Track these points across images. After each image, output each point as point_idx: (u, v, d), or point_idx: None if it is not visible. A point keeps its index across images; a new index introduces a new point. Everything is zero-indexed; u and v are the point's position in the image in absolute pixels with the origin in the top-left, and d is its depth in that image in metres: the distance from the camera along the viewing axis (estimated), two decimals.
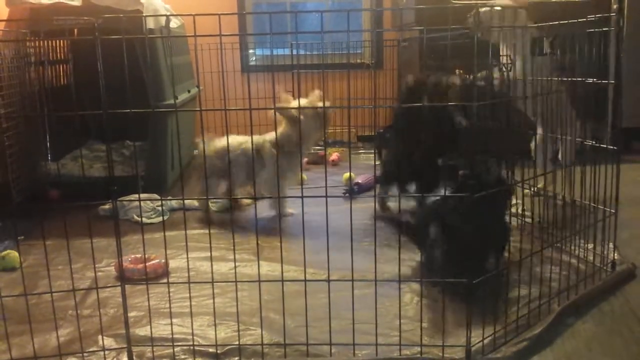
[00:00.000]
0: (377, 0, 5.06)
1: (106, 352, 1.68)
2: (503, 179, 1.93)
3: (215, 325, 1.75)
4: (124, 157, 3.93)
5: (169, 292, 1.79)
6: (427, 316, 1.81)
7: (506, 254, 2.10)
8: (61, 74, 3.92)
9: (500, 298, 1.84)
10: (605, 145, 2.13)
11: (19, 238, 2.61)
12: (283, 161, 2.75)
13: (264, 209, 2.76)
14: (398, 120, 2.60)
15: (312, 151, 4.50)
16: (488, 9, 2.29)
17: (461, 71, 2.19)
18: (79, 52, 3.91)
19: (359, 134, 4.92)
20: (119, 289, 1.66)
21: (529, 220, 2.48)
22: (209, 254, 1.83)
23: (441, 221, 1.88)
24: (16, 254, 2.37)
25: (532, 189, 2.50)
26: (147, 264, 2.17)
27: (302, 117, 2.77)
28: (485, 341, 1.67)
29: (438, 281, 1.92)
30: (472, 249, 1.82)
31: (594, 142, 2.15)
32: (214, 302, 1.73)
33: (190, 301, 1.72)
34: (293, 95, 2.80)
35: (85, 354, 1.67)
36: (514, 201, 2.16)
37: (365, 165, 4.15)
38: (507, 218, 2.03)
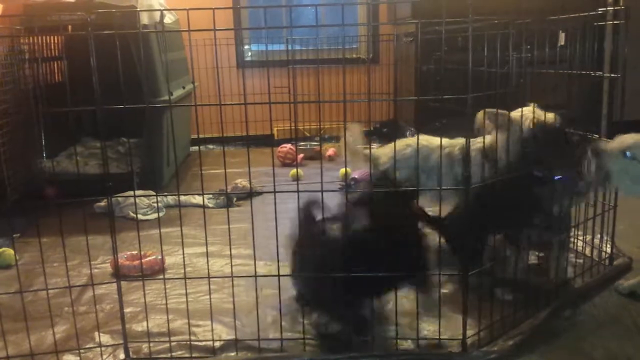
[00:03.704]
0: None
1: (103, 348, 1.68)
2: None
3: (211, 319, 1.75)
4: (119, 154, 3.92)
5: (165, 288, 1.79)
6: (424, 309, 1.80)
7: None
8: (56, 71, 3.90)
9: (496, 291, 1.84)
10: (605, 139, 2.13)
11: (14, 236, 2.61)
12: None
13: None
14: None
15: (308, 146, 4.51)
16: None
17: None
18: (73, 49, 3.90)
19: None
20: (115, 285, 1.66)
21: None
22: (205, 249, 1.83)
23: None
24: (11, 251, 2.37)
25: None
26: (143, 261, 2.17)
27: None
28: (482, 334, 1.67)
29: (434, 274, 1.91)
30: None
31: (595, 135, 2.15)
32: (210, 298, 1.73)
33: (187, 297, 1.71)
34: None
35: (81, 351, 1.66)
36: None
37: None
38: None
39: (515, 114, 2.03)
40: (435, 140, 2.28)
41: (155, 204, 2.97)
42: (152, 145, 3.37)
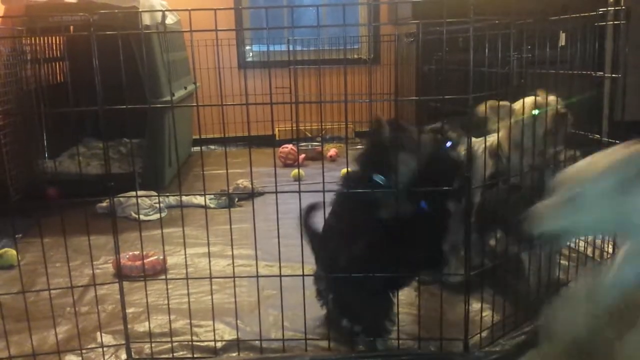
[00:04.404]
0: None
1: (105, 348, 1.69)
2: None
3: (213, 320, 1.75)
4: (121, 155, 3.92)
5: (167, 289, 1.79)
6: (425, 310, 1.81)
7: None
8: (57, 71, 3.91)
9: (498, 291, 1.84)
10: (607, 139, 2.13)
11: (16, 236, 2.61)
12: None
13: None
14: None
15: (310, 147, 4.51)
16: None
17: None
18: (75, 50, 3.91)
19: (356, 129, 4.93)
20: (117, 285, 1.67)
21: None
22: (207, 250, 1.84)
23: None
24: (14, 251, 2.37)
25: None
26: (145, 261, 2.17)
27: None
28: (483, 334, 1.68)
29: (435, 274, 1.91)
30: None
31: (596, 136, 2.15)
32: (212, 298, 1.73)
33: (189, 297, 1.72)
34: None
35: (83, 351, 1.67)
36: None
37: None
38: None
39: (518, 105, 2.05)
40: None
41: (157, 205, 2.98)
42: (154, 145, 3.38)
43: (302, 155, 4.20)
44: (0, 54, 3.05)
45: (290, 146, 4.17)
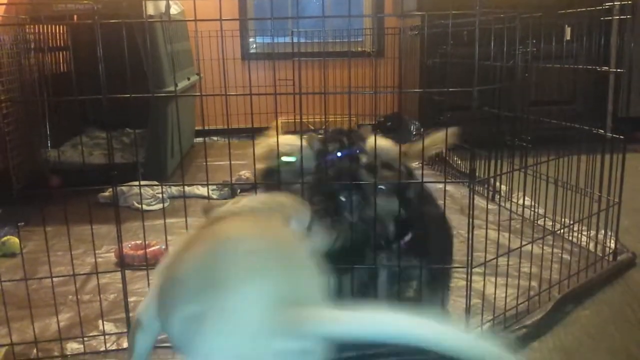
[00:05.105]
0: None
1: (106, 336, 1.69)
2: None
3: None
4: (123, 145, 3.92)
5: None
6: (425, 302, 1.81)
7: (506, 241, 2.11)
8: (61, 61, 3.90)
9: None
10: (610, 135, 2.13)
11: (19, 224, 2.61)
12: None
13: None
14: None
15: None
16: None
17: None
18: (78, 40, 3.90)
19: (359, 122, 4.92)
20: (119, 274, 1.67)
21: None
22: None
23: None
24: (16, 239, 2.38)
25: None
26: (147, 250, 2.17)
27: None
28: (484, 327, 1.68)
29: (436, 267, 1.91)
30: None
31: (600, 131, 2.14)
32: None
33: None
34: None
35: (85, 339, 1.67)
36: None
37: None
38: None
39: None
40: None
41: (159, 195, 2.98)
42: (157, 136, 3.37)
43: None
44: (4, 42, 3.05)
45: None
